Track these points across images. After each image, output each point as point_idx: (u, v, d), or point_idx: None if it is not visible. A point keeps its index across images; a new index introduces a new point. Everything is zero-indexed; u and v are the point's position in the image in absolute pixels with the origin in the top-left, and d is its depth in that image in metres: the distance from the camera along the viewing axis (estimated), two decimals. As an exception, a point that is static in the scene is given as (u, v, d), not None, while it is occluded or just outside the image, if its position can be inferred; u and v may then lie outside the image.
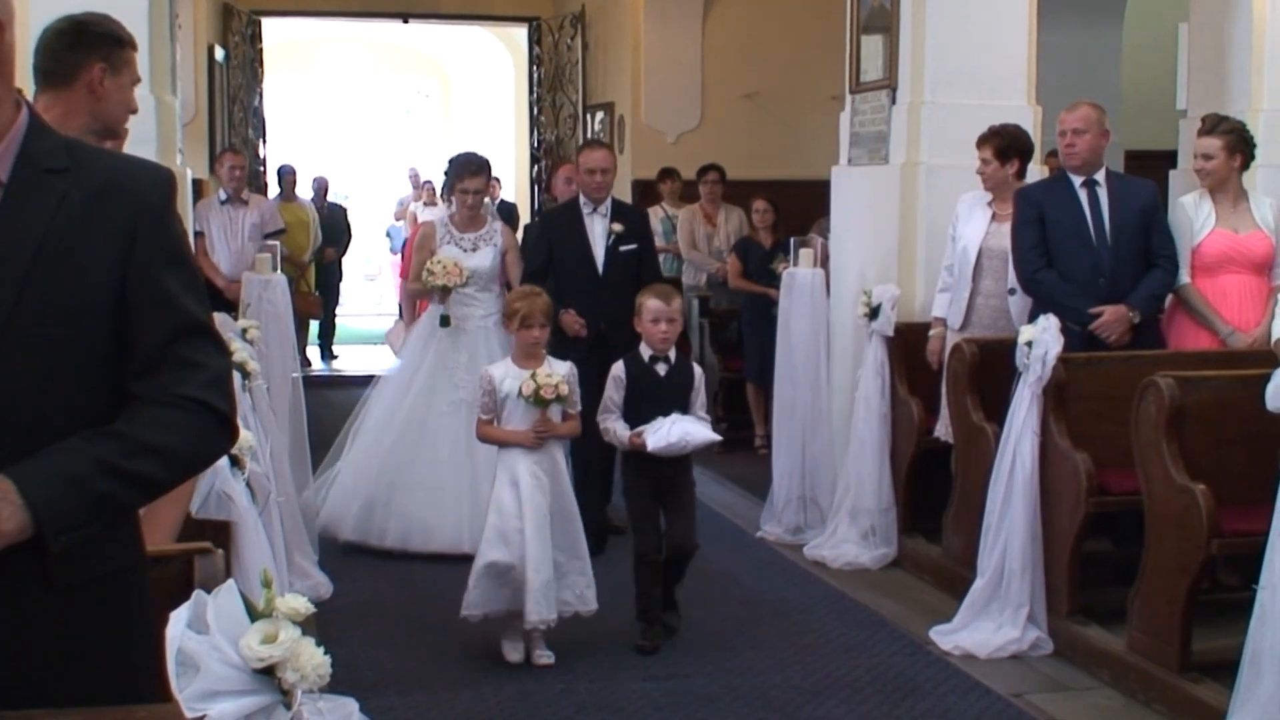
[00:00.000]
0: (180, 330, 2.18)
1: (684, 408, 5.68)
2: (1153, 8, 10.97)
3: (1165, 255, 6.12)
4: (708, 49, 13.38)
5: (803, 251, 7.74)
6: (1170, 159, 7.91)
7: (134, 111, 3.85)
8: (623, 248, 7.26)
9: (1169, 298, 6.25)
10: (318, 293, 14.13)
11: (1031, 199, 6.23)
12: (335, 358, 15.05)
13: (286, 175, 13.99)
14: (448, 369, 7.31)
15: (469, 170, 7.41)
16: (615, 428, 5.68)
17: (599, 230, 7.29)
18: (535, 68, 15.40)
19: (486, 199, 7.99)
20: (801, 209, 10.28)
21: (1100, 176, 6.18)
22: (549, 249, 7.39)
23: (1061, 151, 6.29)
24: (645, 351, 5.73)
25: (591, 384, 6.19)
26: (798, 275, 7.68)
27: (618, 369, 5.73)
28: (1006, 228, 6.39)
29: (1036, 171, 6.94)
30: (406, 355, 7.61)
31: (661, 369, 5.72)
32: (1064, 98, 6.71)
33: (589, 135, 14.40)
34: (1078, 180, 6.18)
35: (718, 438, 5.86)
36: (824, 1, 10.64)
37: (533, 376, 5.43)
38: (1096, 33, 10.37)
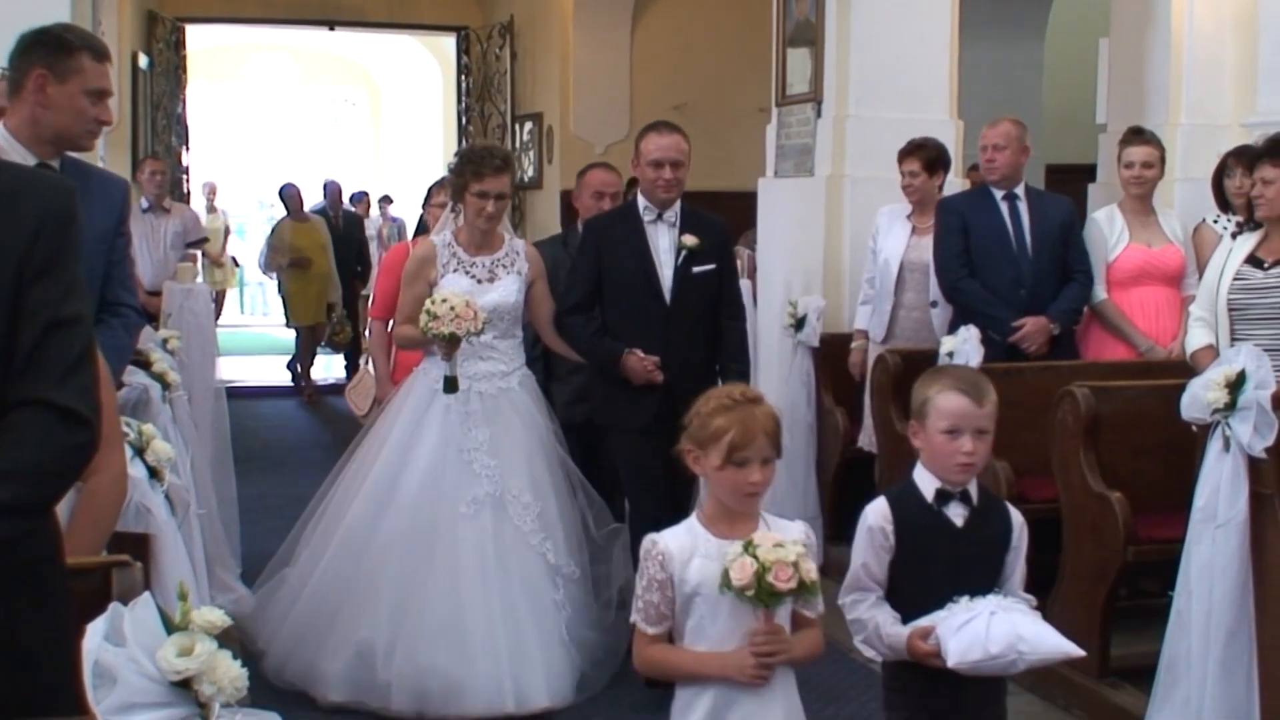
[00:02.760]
0: (46, 327, 2.11)
1: (989, 582, 3.31)
2: (1074, 23, 11.14)
3: (1082, 270, 6.24)
4: (636, 60, 13.44)
5: (729, 262, 7.78)
6: (1090, 173, 8.03)
7: (103, 123, 3.77)
8: (696, 269, 5.42)
9: (1085, 312, 6.36)
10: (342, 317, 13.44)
11: (955, 209, 6.33)
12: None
13: (290, 194, 13.31)
14: (462, 453, 5.16)
15: (490, 165, 5.25)
16: (877, 620, 3.28)
17: (665, 244, 5.44)
18: (464, 77, 15.39)
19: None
20: (729, 220, 10.30)
21: (1020, 191, 6.29)
22: (597, 271, 5.46)
23: (982, 165, 6.39)
24: (927, 484, 3.33)
25: (651, 456, 5.12)
26: (724, 286, 7.71)
27: (877, 513, 3.32)
28: (927, 240, 6.48)
29: (958, 185, 7.04)
30: (397, 432, 5.30)
31: (957, 514, 3.32)
32: (986, 112, 6.81)
33: (518, 145, 14.39)
34: (999, 194, 6.28)
35: (1078, 651, 3.30)
36: (751, 14, 10.72)
37: (748, 549, 2.92)
38: (1019, 48, 10.52)
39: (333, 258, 13.25)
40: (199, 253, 8.48)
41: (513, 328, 5.37)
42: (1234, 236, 5.23)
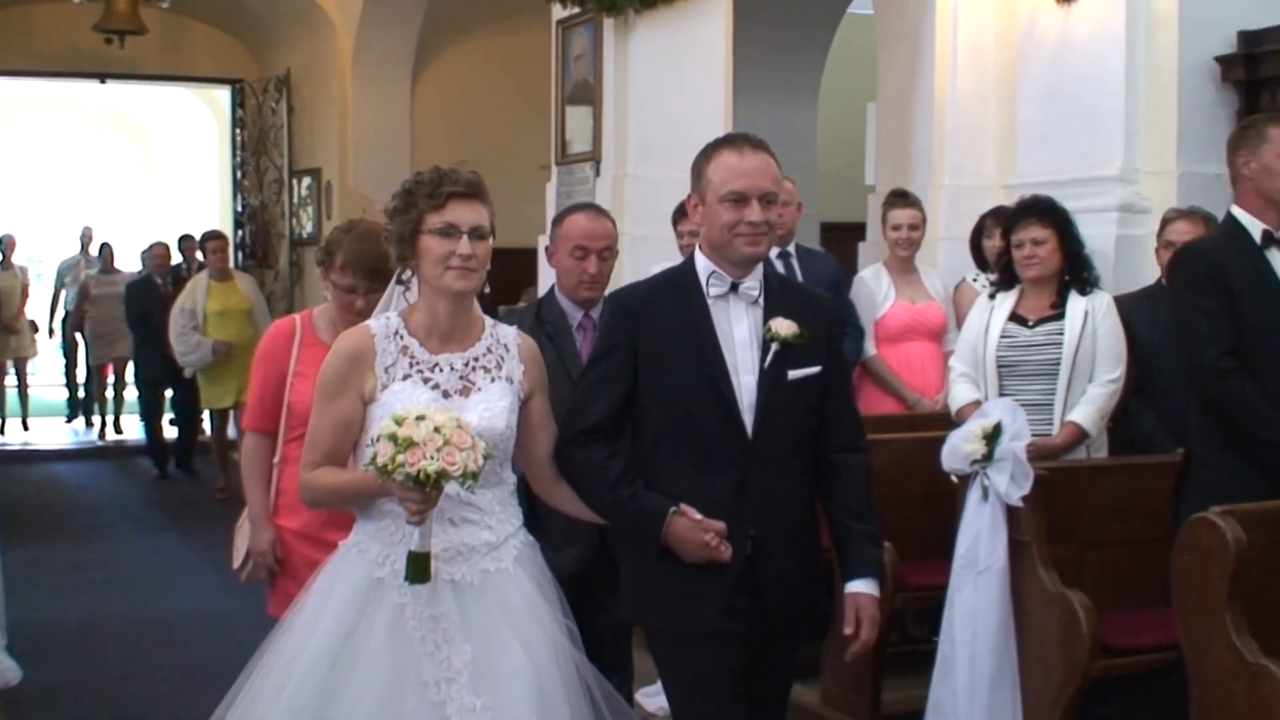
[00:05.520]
0: None
1: None
2: (844, 88, 11.51)
3: (852, 325, 6.42)
4: (417, 115, 13.43)
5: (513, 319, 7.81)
6: (861, 231, 8.29)
7: None
8: (793, 373, 3.43)
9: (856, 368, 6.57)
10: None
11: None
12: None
13: (214, 246, 10.45)
14: (427, 688, 3.10)
15: (452, 185, 3.35)
16: None
17: (743, 333, 3.45)
18: (239, 130, 15.15)
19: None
20: (510, 278, 10.31)
21: (792, 249, 6.46)
22: (629, 378, 3.44)
23: (768, 223, 6.51)
24: None
25: (720, 675, 3.37)
26: (506, 343, 7.74)
27: None
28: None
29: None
30: (311, 655, 3.13)
31: None
32: (761, 173, 6.97)
33: (296, 200, 14.16)
34: (773, 251, 6.42)
35: None
36: (532, 72, 10.82)
37: None
38: (792, 110, 10.79)
39: (259, 324, 10.11)
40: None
41: (500, 469, 3.32)
42: (991, 297, 5.41)
